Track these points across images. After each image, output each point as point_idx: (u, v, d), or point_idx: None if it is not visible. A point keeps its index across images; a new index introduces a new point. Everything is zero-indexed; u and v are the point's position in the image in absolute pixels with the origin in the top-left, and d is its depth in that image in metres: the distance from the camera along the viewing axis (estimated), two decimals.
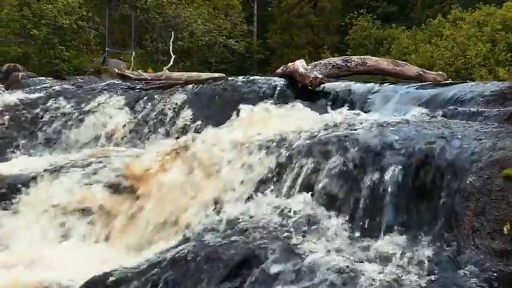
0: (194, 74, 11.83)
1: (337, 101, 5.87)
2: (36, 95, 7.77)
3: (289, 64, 6.64)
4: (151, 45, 17.21)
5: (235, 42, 19.35)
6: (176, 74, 11.87)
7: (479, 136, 3.20)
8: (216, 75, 11.02)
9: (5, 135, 6.81)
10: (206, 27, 17.58)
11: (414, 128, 3.64)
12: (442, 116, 4.42)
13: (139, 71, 12.58)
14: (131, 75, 11.75)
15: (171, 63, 12.96)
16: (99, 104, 7.14)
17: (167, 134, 6.35)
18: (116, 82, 8.91)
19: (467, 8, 16.68)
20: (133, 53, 14.59)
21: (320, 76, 6.03)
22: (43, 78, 9.54)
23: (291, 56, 20.62)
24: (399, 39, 17.55)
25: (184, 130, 6.33)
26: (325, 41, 20.21)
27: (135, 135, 6.54)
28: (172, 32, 14.41)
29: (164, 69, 12.16)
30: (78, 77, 12.25)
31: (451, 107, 4.71)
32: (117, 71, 12.57)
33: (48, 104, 7.32)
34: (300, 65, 6.23)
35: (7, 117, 7.09)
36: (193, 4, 18.07)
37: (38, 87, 8.42)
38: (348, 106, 5.52)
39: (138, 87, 8.06)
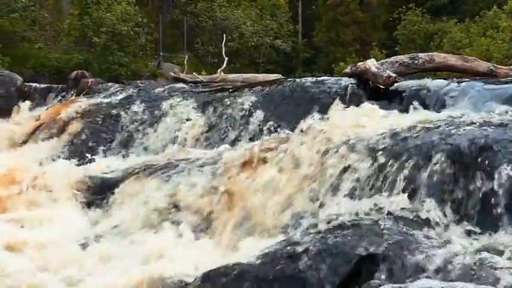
0: (250, 75, 11.97)
1: (412, 99, 5.81)
2: (109, 99, 8.16)
3: (359, 64, 6.67)
4: (201, 48, 17.60)
5: (282, 42, 19.45)
6: (232, 76, 12.04)
7: None
8: (273, 76, 11.13)
9: (86, 139, 7.20)
10: (254, 28, 17.81)
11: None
12: None
13: (194, 73, 12.88)
14: (186, 78, 12.04)
15: (224, 65, 13.16)
16: (171, 108, 7.41)
17: (240, 135, 6.53)
18: (183, 86, 9.20)
19: None
20: (186, 57, 14.95)
21: (393, 75, 6.03)
22: (110, 83, 9.96)
23: (337, 54, 20.51)
24: (451, 33, 17.08)
25: (257, 131, 6.48)
26: (372, 37, 19.97)
27: (209, 137, 6.76)
28: (224, 35, 14.67)
29: (218, 71, 12.39)
30: (138, 81, 12.70)
31: None
32: (172, 74, 12.92)
33: (122, 108, 7.66)
34: (371, 64, 6.26)
35: (86, 121, 7.49)
36: (241, 6, 18.33)
37: (109, 92, 8.82)
38: (426, 104, 5.51)
39: (204, 90, 8.31)
